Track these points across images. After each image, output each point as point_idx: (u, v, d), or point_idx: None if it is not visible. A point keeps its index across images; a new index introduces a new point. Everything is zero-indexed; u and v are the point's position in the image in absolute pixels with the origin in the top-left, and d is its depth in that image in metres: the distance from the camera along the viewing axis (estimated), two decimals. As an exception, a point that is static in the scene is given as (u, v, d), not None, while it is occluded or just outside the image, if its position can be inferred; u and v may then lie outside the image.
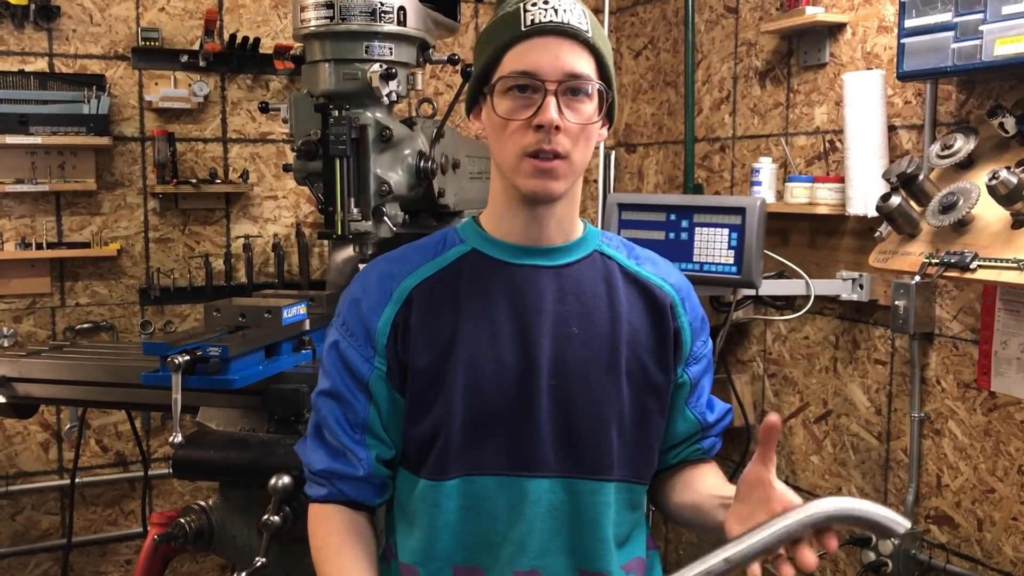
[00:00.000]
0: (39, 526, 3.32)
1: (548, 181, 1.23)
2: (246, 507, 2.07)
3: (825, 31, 2.77)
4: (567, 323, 1.29)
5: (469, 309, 1.29)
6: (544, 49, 1.21)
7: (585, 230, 1.37)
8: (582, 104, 1.23)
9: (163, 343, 1.94)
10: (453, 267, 1.33)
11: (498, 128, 1.24)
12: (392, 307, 1.30)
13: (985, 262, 2.03)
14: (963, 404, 2.40)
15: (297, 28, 2.29)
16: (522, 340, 1.27)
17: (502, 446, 1.26)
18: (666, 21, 3.59)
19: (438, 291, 1.31)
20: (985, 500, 2.35)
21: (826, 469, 2.86)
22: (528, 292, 1.29)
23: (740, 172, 3.18)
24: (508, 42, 1.23)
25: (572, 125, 1.22)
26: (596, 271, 1.34)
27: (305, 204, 3.56)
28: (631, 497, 1.33)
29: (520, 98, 1.22)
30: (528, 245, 1.31)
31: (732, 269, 2.51)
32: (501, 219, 1.33)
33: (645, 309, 1.33)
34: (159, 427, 3.40)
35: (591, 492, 1.28)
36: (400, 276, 1.32)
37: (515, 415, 1.26)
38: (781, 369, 3.02)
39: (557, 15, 1.22)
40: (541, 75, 1.21)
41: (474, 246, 1.33)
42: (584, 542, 1.28)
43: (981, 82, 2.30)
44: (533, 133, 1.21)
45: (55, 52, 3.22)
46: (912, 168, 2.20)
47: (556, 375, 1.27)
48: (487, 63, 1.26)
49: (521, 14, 1.23)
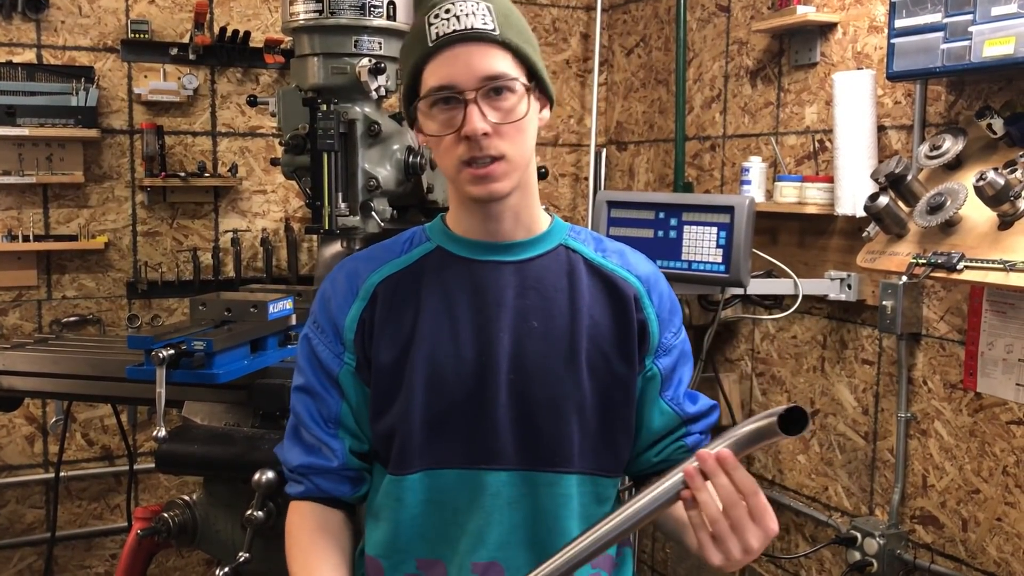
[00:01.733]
0: (23, 520, 3.30)
1: (489, 184, 1.24)
2: (230, 502, 2.07)
3: (816, 31, 2.77)
4: (527, 317, 1.30)
5: (430, 305, 1.31)
6: (454, 60, 1.22)
7: (552, 224, 1.38)
8: (506, 101, 1.23)
9: (148, 337, 1.93)
10: (417, 264, 1.35)
11: (433, 144, 1.27)
12: (359, 303, 1.33)
13: (972, 263, 2.03)
14: (949, 405, 2.41)
15: (286, 22, 2.29)
16: (482, 335, 1.29)
17: (462, 440, 1.27)
18: (658, 19, 3.59)
19: (401, 287, 1.33)
20: (970, 500, 2.36)
21: (813, 468, 2.86)
22: (489, 287, 1.31)
23: (730, 171, 3.18)
24: (421, 59, 1.24)
25: (500, 126, 1.22)
26: (559, 265, 1.34)
27: (294, 199, 3.55)
28: (596, 490, 1.33)
29: (445, 110, 1.23)
30: (490, 241, 1.33)
31: (720, 268, 2.50)
32: (460, 218, 1.35)
33: (607, 301, 1.34)
34: (145, 421, 3.39)
35: (549, 484, 1.28)
36: (366, 273, 1.35)
37: (474, 409, 1.27)
38: (769, 368, 3.02)
39: (460, 22, 1.22)
40: (458, 86, 1.21)
41: (439, 244, 1.36)
42: (545, 535, 1.29)
43: (970, 83, 2.31)
44: (464, 143, 1.22)
45: (43, 43, 3.20)
46: (900, 168, 2.20)
47: (515, 369, 1.28)
48: (408, 83, 1.28)
49: (426, 29, 1.23)
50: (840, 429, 2.75)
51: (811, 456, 2.87)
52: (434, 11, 1.23)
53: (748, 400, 3.10)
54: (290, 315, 2.26)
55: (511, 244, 1.33)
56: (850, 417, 2.72)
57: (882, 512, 2.61)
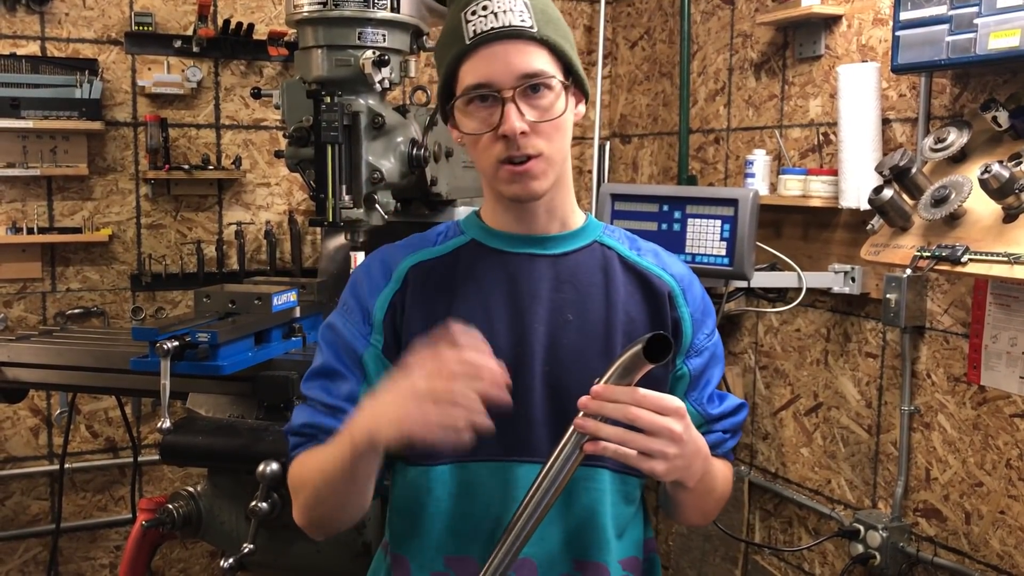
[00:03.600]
0: (28, 511, 3.31)
1: (527, 182, 1.24)
2: (234, 493, 2.07)
3: (821, 23, 2.76)
4: (562, 311, 1.29)
5: (464, 294, 1.30)
6: (491, 58, 1.21)
7: (587, 220, 1.37)
8: (543, 99, 1.23)
9: (152, 329, 1.94)
10: (452, 255, 1.34)
11: (469, 142, 1.26)
12: (391, 287, 1.32)
13: (976, 256, 2.03)
14: (953, 398, 2.41)
15: (290, 14, 2.28)
16: (517, 326, 1.28)
17: (496, 432, 1.25)
18: (662, 12, 3.58)
19: (435, 275, 1.32)
20: (973, 494, 2.36)
21: (816, 461, 2.86)
22: (524, 279, 1.30)
23: (734, 164, 3.18)
24: (457, 58, 1.23)
25: (538, 124, 1.22)
26: (594, 261, 1.34)
27: (298, 191, 3.55)
28: (625, 489, 1.32)
29: (482, 109, 1.22)
30: (525, 234, 1.32)
31: (724, 261, 2.50)
32: (495, 212, 1.34)
33: (643, 298, 1.33)
34: (150, 413, 3.40)
35: (584, 479, 1.27)
36: (399, 258, 1.34)
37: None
38: (772, 361, 3.02)
39: (498, 19, 1.21)
40: (496, 85, 1.20)
41: (473, 236, 1.35)
42: (580, 530, 1.27)
43: (975, 76, 2.30)
44: (502, 141, 1.21)
45: (47, 36, 3.20)
46: (905, 161, 2.20)
47: (550, 361, 1.27)
48: (445, 80, 1.27)
49: (463, 26, 1.22)
50: (843, 422, 2.75)
51: (814, 449, 2.87)
52: (471, 7, 1.22)
53: (752, 393, 3.10)
54: (294, 307, 2.27)
55: (546, 238, 1.32)
56: (853, 410, 2.72)
57: (885, 505, 2.61)
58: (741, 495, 3.09)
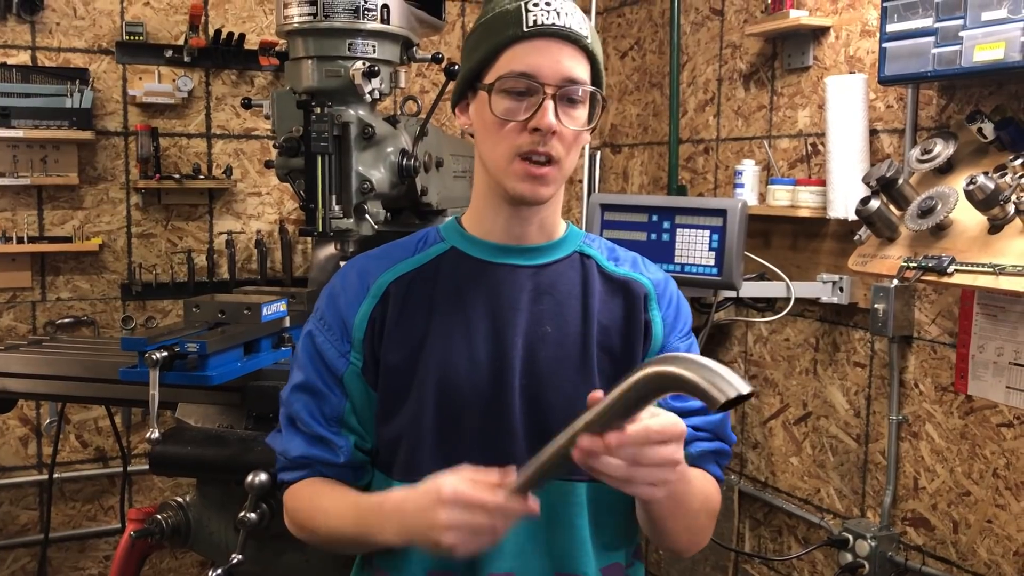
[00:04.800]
0: (17, 521, 3.30)
1: (538, 186, 1.23)
2: (223, 504, 2.07)
3: (809, 34, 2.78)
4: (541, 322, 1.28)
5: (444, 306, 1.29)
6: (545, 51, 1.21)
7: (567, 230, 1.37)
8: (576, 110, 1.23)
9: (141, 339, 1.94)
10: (432, 264, 1.32)
11: (491, 127, 1.24)
12: (369, 301, 1.30)
13: (962, 266, 2.04)
14: (940, 407, 2.42)
15: (280, 24, 2.29)
16: (496, 338, 1.27)
17: (476, 445, 1.25)
18: (652, 22, 3.60)
19: (415, 287, 1.30)
20: (961, 503, 2.37)
21: (805, 471, 2.87)
22: (504, 291, 1.29)
23: (724, 174, 3.19)
24: (508, 40, 1.22)
25: (567, 131, 1.22)
26: (574, 271, 1.33)
27: (289, 201, 3.55)
28: (608, 499, 1.30)
29: (516, 99, 1.22)
30: (508, 244, 1.31)
31: (713, 271, 2.51)
32: (483, 218, 1.33)
33: (620, 304, 1.32)
34: (139, 423, 3.39)
35: (564, 493, 1.27)
36: (378, 271, 1.32)
37: (489, 413, 1.25)
38: (762, 371, 3.03)
39: (560, 18, 1.22)
40: (541, 78, 1.20)
41: (454, 244, 1.34)
42: (561, 543, 1.27)
43: (961, 87, 2.32)
44: (528, 135, 1.21)
45: (38, 45, 3.20)
46: (892, 172, 2.21)
47: (528, 374, 1.26)
48: (483, 59, 1.25)
49: (523, 13, 1.22)
50: (832, 431, 2.76)
51: (803, 458, 2.88)
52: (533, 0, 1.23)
53: (741, 402, 3.11)
54: (284, 317, 2.27)
55: (528, 248, 1.32)
56: (842, 419, 2.73)
57: (874, 514, 2.62)
58: (731, 504, 3.10)
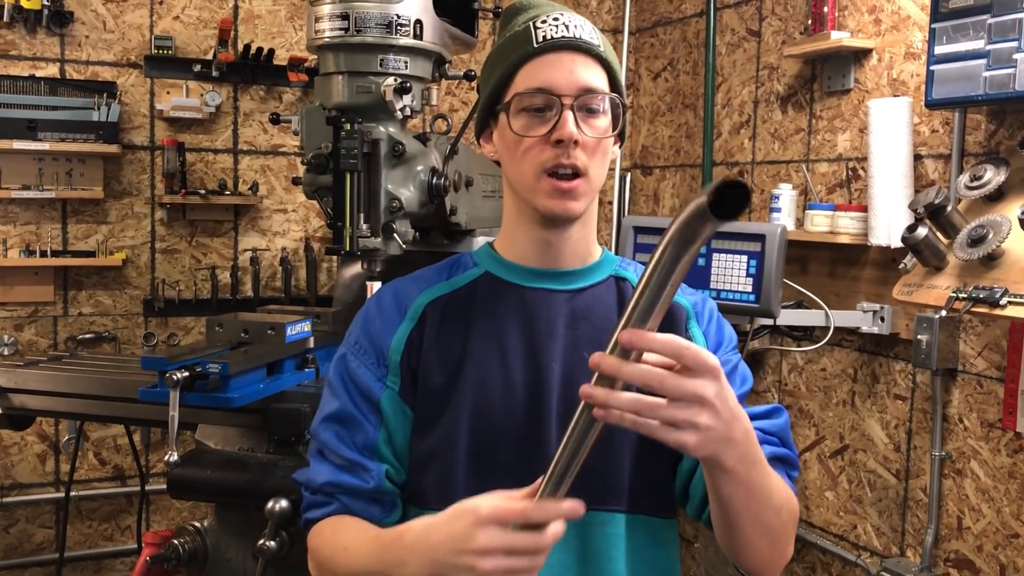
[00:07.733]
0: (33, 539, 3.25)
1: (568, 201, 1.20)
2: (242, 530, 2.01)
3: (850, 56, 2.71)
4: (578, 348, 1.24)
5: (480, 330, 1.26)
6: (558, 65, 1.20)
7: (603, 255, 1.33)
8: (596, 119, 1.21)
9: (162, 358, 1.88)
10: (466, 288, 1.30)
11: (513, 146, 1.22)
12: (407, 324, 1.27)
13: (1016, 298, 1.96)
14: (987, 444, 2.32)
15: (311, 39, 2.25)
16: (532, 364, 1.23)
17: (511, 472, 1.19)
18: (686, 43, 3.54)
19: (450, 310, 1.28)
20: (1009, 545, 2.27)
21: (841, 506, 2.77)
22: (540, 316, 1.26)
23: (759, 198, 3.12)
24: (521, 59, 1.22)
25: (589, 139, 1.20)
26: (610, 296, 1.30)
27: (315, 218, 3.51)
28: (650, 531, 1.25)
29: (536, 116, 1.20)
30: (542, 268, 1.28)
31: (750, 297, 2.44)
32: (515, 242, 1.30)
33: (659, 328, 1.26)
34: (159, 441, 3.34)
35: (600, 524, 1.21)
36: (413, 294, 1.30)
37: (524, 440, 1.21)
38: (797, 401, 2.94)
39: (569, 31, 1.22)
40: (557, 90, 1.19)
41: (488, 269, 1.31)
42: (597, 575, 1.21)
43: (1012, 112, 2.24)
44: (551, 149, 1.19)
45: (67, 58, 3.18)
46: (940, 199, 2.13)
47: (566, 401, 1.21)
48: (499, 83, 1.24)
49: (532, 31, 1.22)
50: (871, 466, 2.67)
51: (839, 493, 2.78)
52: (541, 16, 1.23)
53: (774, 433, 3.02)
54: (308, 338, 2.21)
55: (563, 272, 1.28)
56: (881, 454, 2.63)
57: (914, 554, 2.52)
58: (762, 538, 3.00)
